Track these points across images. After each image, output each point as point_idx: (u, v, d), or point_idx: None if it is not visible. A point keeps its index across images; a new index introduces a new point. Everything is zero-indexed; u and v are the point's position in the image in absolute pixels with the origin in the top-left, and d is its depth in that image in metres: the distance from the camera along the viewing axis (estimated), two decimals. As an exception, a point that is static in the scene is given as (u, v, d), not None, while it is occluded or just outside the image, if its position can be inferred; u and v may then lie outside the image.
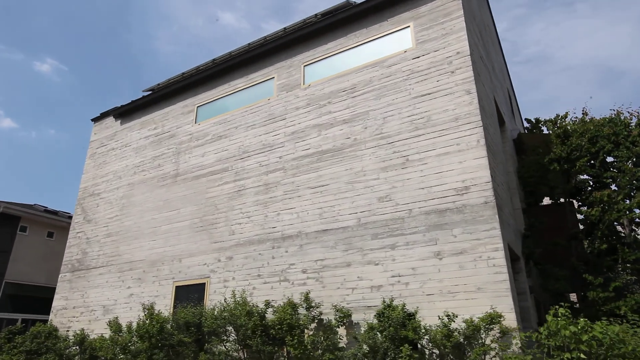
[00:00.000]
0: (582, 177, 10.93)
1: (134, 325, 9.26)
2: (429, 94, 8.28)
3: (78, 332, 10.47)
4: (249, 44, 11.48)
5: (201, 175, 10.82)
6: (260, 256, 9.06)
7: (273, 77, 10.66)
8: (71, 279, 12.13)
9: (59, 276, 12.50)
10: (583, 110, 10.93)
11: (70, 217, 21.15)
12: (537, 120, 10.78)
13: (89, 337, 10.48)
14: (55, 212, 21.04)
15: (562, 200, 11.06)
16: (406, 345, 5.93)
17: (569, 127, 9.69)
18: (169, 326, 8.43)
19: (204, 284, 9.58)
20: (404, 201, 7.84)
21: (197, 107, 11.85)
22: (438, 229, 7.35)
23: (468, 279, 6.83)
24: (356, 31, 9.75)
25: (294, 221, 8.91)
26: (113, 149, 13.26)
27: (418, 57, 8.68)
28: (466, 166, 7.45)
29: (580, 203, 10.91)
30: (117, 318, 9.90)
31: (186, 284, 9.87)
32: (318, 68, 10.06)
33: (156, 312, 9.24)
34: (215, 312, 8.19)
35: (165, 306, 9.85)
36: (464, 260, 6.97)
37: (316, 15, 10.59)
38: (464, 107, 7.81)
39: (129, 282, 10.87)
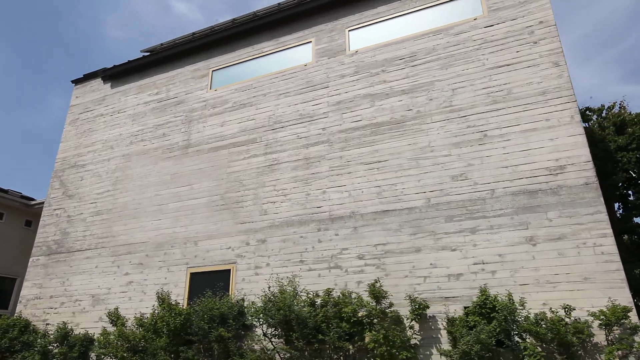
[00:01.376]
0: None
1: (147, 317, 7.75)
2: (508, 65, 7.49)
3: (60, 325, 8.74)
4: (279, 3, 10.20)
5: (220, 147, 9.40)
6: (302, 239, 7.85)
7: (310, 42, 9.48)
8: (47, 264, 10.22)
9: (30, 260, 10.52)
10: (620, 104, 10.69)
11: (24, 197, 18.55)
12: (588, 109, 10.42)
13: (73, 331, 8.79)
14: (5, 191, 18.34)
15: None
16: (530, 340, 5.03)
17: (626, 117, 9.33)
18: (197, 318, 7.04)
19: (229, 270, 8.21)
20: (484, 180, 6.98)
21: (212, 71, 10.40)
22: (529, 212, 6.54)
23: (571, 268, 6.06)
24: (412, -4, 8.81)
25: (345, 200, 7.80)
26: (102, 115, 11.43)
27: (491, 25, 7.89)
28: (559, 144, 6.71)
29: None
30: (117, 309, 8.30)
31: (205, 270, 8.44)
32: (366, 33, 9.01)
33: (173, 302, 7.81)
34: (258, 303, 6.92)
35: (177, 295, 8.36)
36: (563, 246, 6.20)
37: (362, -24, 9.53)
38: (552, 80, 7.09)
39: (127, 267, 9.22)
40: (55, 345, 8.58)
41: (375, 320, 6.24)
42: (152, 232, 9.28)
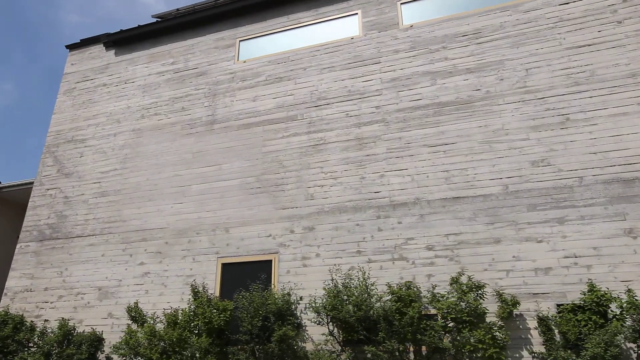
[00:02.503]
0: None
1: (179, 312, 6.65)
2: (589, 45, 6.96)
3: (61, 322, 7.47)
4: (318, -29, 9.30)
5: (253, 123, 8.40)
6: (358, 227, 7.01)
7: (356, 13, 8.65)
8: (39, 251, 8.83)
9: (17, 247, 9.09)
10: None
11: (-11, 180, 16.65)
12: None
13: (75, 329, 7.55)
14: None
15: None
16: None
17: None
18: (248, 315, 6.06)
19: (270, 261, 7.24)
20: (570, 167, 6.39)
21: (240, 41, 9.36)
22: (625, 202, 6.00)
23: (679, 263, 5.55)
24: (473, -31, 8.16)
25: (408, 185, 7.02)
26: (105, 85, 10.11)
27: (567, 3, 7.35)
28: (655, 129, 6.22)
29: None
30: (137, 303, 7.14)
31: (240, 260, 7.42)
32: (420, 7, 8.29)
33: (211, 296, 6.79)
34: (317, 298, 6.03)
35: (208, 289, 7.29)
36: (668, 239, 5.68)
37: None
38: (641, 63, 6.60)
39: (142, 256, 8.04)
40: (54, 344, 7.31)
41: (468, 319, 5.49)
42: (172, 216, 8.15)
